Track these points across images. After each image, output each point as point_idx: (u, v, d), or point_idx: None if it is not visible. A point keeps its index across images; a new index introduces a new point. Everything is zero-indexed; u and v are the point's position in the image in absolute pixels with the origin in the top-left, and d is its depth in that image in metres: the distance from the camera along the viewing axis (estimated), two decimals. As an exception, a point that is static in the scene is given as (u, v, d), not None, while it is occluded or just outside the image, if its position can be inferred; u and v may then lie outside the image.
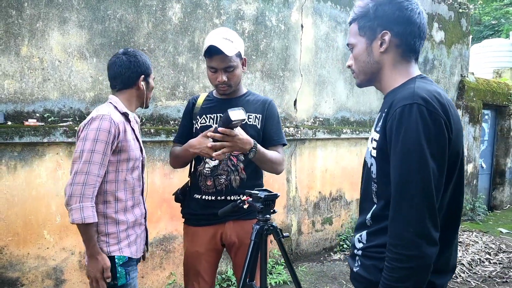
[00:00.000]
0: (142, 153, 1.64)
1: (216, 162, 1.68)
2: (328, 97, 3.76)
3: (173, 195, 1.94)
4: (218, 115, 1.73)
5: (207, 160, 1.70)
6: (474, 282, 3.32)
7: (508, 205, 6.28)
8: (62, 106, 2.36)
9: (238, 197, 1.69)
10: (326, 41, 3.69)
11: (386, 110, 1.02)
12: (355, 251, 1.12)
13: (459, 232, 4.66)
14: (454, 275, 3.42)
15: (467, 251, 3.93)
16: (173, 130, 2.70)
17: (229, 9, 3.01)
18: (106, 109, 1.47)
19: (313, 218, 3.72)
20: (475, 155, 5.53)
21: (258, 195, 1.40)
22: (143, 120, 2.63)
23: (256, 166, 1.74)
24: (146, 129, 2.57)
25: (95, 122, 1.41)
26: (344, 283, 3.22)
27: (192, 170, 1.83)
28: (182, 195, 1.86)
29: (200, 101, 1.80)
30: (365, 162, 1.13)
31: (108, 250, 1.47)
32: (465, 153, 5.32)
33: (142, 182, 1.67)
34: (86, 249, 1.42)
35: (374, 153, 1.03)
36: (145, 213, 1.67)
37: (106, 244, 1.48)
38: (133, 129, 1.60)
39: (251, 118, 1.73)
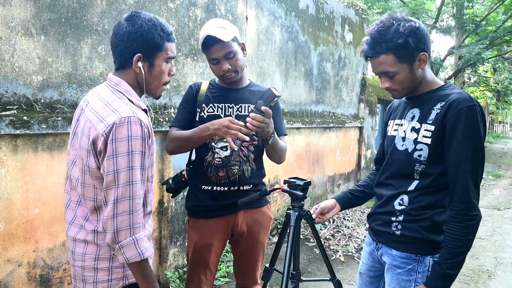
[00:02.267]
0: None
1: (228, 152, 1.67)
2: (268, 89, 3.92)
3: (162, 184, 1.86)
4: (226, 105, 1.71)
5: (217, 150, 1.67)
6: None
7: (392, 184, 7.48)
8: (3, 91, 1.97)
9: (249, 187, 1.71)
10: (266, 34, 3.82)
11: (440, 107, 1.28)
12: (393, 217, 1.37)
13: (365, 208, 5.38)
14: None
15: (378, 224, 4.61)
16: (131, 120, 2.49)
17: (183, -7, 2.89)
18: (126, 108, 1.10)
19: (255, 205, 3.87)
20: (372, 142, 6.43)
21: (297, 183, 1.46)
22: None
23: (261, 157, 1.78)
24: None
25: (122, 128, 1.07)
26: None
27: (194, 160, 1.77)
28: (175, 185, 1.79)
29: (203, 88, 1.75)
30: (395, 149, 1.38)
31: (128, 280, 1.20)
32: (366, 141, 6.15)
33: None
34: None
35: (426, 140, 1.29)
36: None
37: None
38: None
39: None
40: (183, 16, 2.90)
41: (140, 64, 1.17)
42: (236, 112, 1.70)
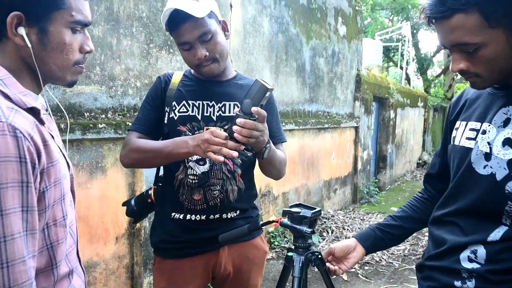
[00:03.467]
0: (69, 168, 0.83)
1: (206, 167, 1.23)
2: (257, 86, 3.49)
3: (123, 205, 1.42)
4: (204, 103, 1.27)
5: (191, 164, 1.24)
6: (396, 262, 3.55)
7: (389, 186, 7.13)
8: None
9: (236, 214, 1.28)
10: (253, 25, 3.39)
11: None
12: (457, 280, 0.88)
13: (364, 214, 4.90)
14: (378, 259, 3.60)
15: (380, 233, 4.22)
16: (90, 125, 2.04)
17: (154, -27, 2.44)
18: None
19: (245, 217, 3.44)
20: (368, 143, 6.05)
21: (301, 213, 1.03)
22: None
23: (252, 171, 1.35)
24: (53, 125, 1.86)
25: None
26: (288, 284, 3.03)
27: (163, 177, 1.33)
28: (138, 208, 1.36)
29: (175, 80, 1.31)
30: (471, 170, 0.88)
31: None
32: (362, 141, 5.77)
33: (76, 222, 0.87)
34: None
35: None
36: (84, 277, 0.90)
37: None
38: (50, 134, 0.77)
39: None
40: (155, 0, 2.45)
41: (23, 31, 0.71)
42: (217, 112, 1.27)
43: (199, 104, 1.27)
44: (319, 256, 1.10)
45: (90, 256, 2.16)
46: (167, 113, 1.29)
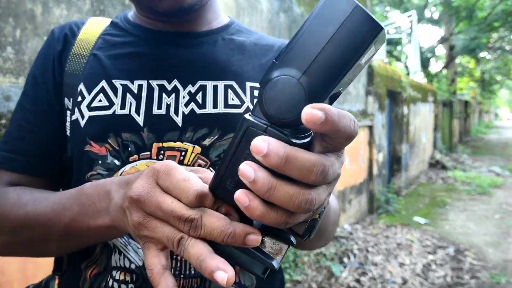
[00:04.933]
0: None
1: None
2: (255, 78, 2.74)
3: None
4: (153, 83, 0.55)
5: (119, 239, 0.48)
6: (441, 297, 2.79)
7: (405, 190, 6.39)
8: None
9: None
10: (249, 0, 2.64)
11: None
12: None
13: (385, 229, 4.11)
14: (417, 292, 2.84)
15: (412, 253, 3.46)
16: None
17: None
18: None
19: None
20: (383, 143, 5.31)
21: None
22: None
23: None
24: None
25: None
26: None
27: (68, 262, 0.59)
28: None
29: (89, 35, 0.59)
30: None
31: None
32: (376, 142, 5.02)
33: None
34: None
35: None
36: None
37: None
38: None
39: (247, 95, 0.57)
40: (106, -47, 1.68)
41: None
42: (185, 105, 0.55)
43: (140, 87, 0.53)
44: None
45: None
46: (68, 113, 0.56)
